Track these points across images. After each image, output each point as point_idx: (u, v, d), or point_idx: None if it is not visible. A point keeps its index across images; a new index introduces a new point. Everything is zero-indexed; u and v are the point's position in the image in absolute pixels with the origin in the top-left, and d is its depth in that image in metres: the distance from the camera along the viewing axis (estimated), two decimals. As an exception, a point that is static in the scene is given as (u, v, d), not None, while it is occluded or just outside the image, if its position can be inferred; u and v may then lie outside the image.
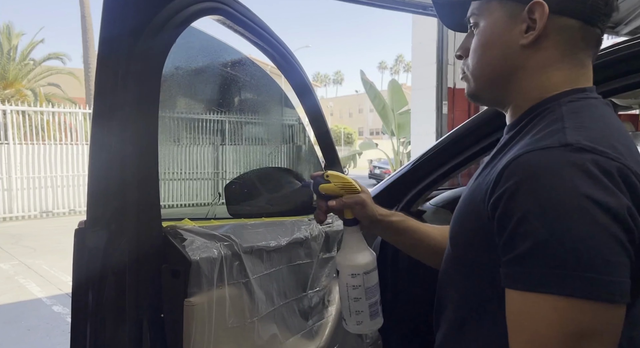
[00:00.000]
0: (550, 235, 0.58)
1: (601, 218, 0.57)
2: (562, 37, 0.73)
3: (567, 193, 0.58)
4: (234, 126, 1.30)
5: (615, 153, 0.62)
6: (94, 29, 17.60)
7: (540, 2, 0.71)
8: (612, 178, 0.59)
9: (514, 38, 0.74)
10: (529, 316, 0.60)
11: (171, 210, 1.13)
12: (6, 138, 10.03)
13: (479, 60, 0.79)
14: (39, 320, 4.30)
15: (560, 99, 0.73)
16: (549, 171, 0.60)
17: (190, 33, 0.93)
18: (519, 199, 0.61)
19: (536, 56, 0.74)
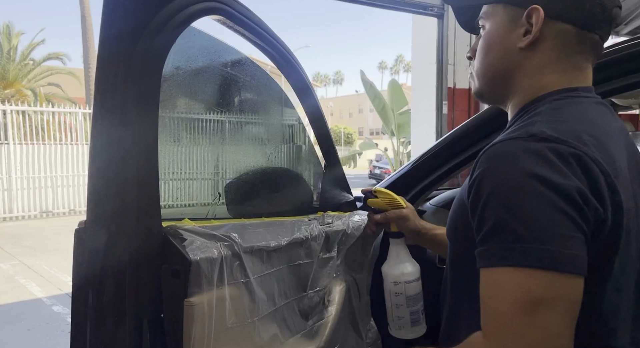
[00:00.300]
0: (507, 214, 0.64)
1: (551, 196, 0.62)
2: (558, 41, 0.77)
3: (520, 175, 0.64)
4: (234, 126, 1.30)
5: (578, 142, 0.67)
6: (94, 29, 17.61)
7: (537, 8, 0.76)
8: (566, 162, 0.65)
9: (513, 41, 0.80)
10: (492, 289, 0.65)
11: (171, 210, 1.13)
12: (6, 138, 10.03)
13: (482, 60, 0.85)
14: (39, 320, 4.30)
15: (547, 97, 0.78)
16: (509, 157, 0.67)
17: (190, 33, 0.92)
18: (482, 185, 0.68)
19: (533, 58, 0.79)
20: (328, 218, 1.33)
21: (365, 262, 1.47)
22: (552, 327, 0.61)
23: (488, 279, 0.66)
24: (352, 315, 1.42)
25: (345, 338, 1.38)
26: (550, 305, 0.61)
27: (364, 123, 64.09)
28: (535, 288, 0.62)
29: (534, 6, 0.76)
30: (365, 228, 1.39)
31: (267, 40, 1.23)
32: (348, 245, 1.34)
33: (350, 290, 1.40)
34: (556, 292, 0.62)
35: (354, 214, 1.44)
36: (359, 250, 1.43)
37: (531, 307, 0.61)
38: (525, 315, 0.62)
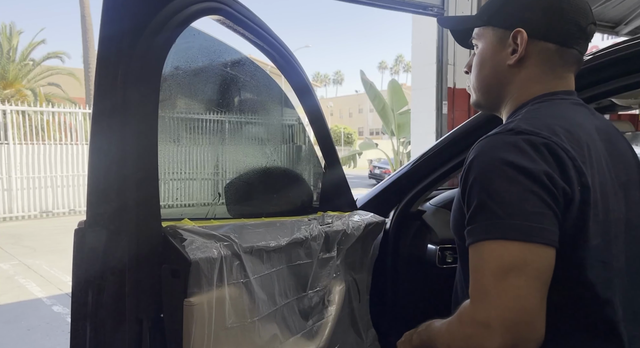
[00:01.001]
0: (486, 196, 0.75)
1: (522, 179, 0.73)
2: (541, 57, 0.89)
3: (497, 163, 0.76)
4: (234, 126, 1.30)
5: (550, 133, 0.77)
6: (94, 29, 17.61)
7: (521, 30, 0.88)
8: (537, 150, 0.75)
9: (503, 59, 0.92)
10: (476, 261, 0.76)
11: (171, 210, 1.13)
12: (6, 138, 10.03)
13: (477, 76, 0.97)
14: (39, 320, 4.30)
15: (531, 102, 0.89)
16: (490, 149, 0.79)
17: (190, 33, 0.92)
18: (469, 174, 0.80)
19: (521, 73, 0.91)
20: (328, 218, 1.33)
21: (365, 262, 1.47)
22: (522, 289, 0.70)
23: (473, 253, 0.76)
24: (352, 315, 1.42)
25: (345, 338, 1.38)
26: (520, 271, 0.71)
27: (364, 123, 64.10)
28: (507, 256, 0.72)
29: (518, 29, 0.88)
30: (365, 227, 1.39)
31: (267, 40, 1.23)
32: (348, 245, 1.34)
33: (350, 290, 1.40)
34: (524, 260, 0.71)
35: (354, 214, 1.44)
36: (359, 250, 1.43)
37: (503, 273, 0.71)
38: (499, 280, 0.71)
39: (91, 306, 0.88)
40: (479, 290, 0.74)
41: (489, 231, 0.74)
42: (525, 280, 0.71)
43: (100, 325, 0.88)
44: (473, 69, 0.98)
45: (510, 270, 0.71)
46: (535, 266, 0.72)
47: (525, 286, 0.71)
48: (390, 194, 1.62)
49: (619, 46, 1.25)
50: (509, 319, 0.70)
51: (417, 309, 1.61)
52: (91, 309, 0.88)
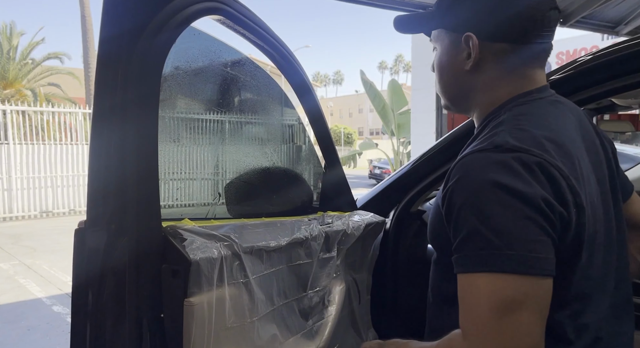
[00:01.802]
0: (478, 222, 0.68)
1: (517, 204, 0.67)
2: (498, 59, 0.83)
3: (489, 185, 0.69)
4: (234, 126, 1.30)
5: (540, 150, 0.71)
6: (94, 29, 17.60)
7: (469, 35, 0.82)
8: (530, 171, 0.69)
9: (459, 64, 0.86)
10: (469, 293, 0.69)
11: (171, 210, 1.13)
12: (6, 138, 10.03)
13: (439, 81, 0.93)
14: (39, 320, 4.30)
15: (507, 105, 0.83)
16: (477, 168, 0.72)
17: (190, 33, 0.93)
18: (454, 196, 0.73)
19: (480, 77, 0.85)
20: (328, 218, 1.33)
21: (365, 262, 1.47)
22: (524, 326, 0.66)
23: (464, 283, 0.70)
24: (351, 315, 1.42)
25: (345, 338, 1.38)
26: (522, 306, 0.66)
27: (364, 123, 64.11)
28: (507, 290, 0.66)
29: (467, 33, 0.82)
30: (365, 227, 1.39)
31: (267, 40, 1.23)
32: (348, 245, 1.34)
33: (350, 290, 1.40)
34: (526, 293, 0.66)
35: (354, 214, 1.44)
36: (359, 250, 1.43)
37: (505, 309, 0.66)
38: (500, 317, 0.66)
39: (91, 306, 0.88)
40: (476, 325, 0.67)
41: (485, 263, 0.67)
42: (527, 315, 0.66)
43: (100, 325, 0.88)
44: (435, 74, 0.93)
45: (510, 305, 0.65)
46: (536, 299, 0.67)
47: (526, 323, 0.66)
48: (390, 194, 1.62)
49: (619, 46, 1.25)
50: None
51: (417, 309, 1.61)
52: (91, 309, 0.88)
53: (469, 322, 0.69)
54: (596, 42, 10.55)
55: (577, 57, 1.32)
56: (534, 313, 0.66)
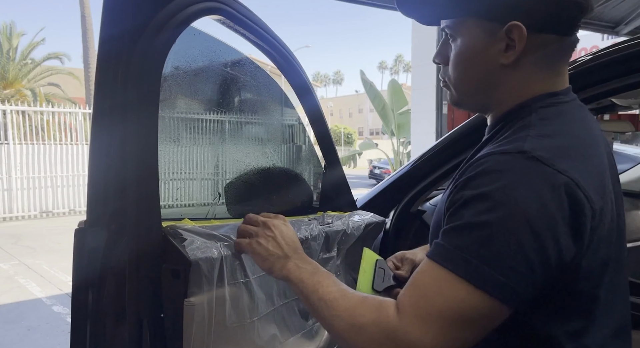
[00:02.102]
0: (476, 222, 0.64)
1: (524, 227, 0.62)
2: (541, 53, 0.75)
3: (503, 195, 0.64)
4: (234, 126, 1.30)
5: (567, 165, 0.66)
6: (94, 29, 17.61)
7: (518, 25, 0.72)
8: (555, 192, 0.64)
9: (494, 57, 0.76)
10: (431, 282, 0.67)
11: (171, 210, 1.13)
12: (6, 138, 10.03)
13: (460, 76, 0.81)
14: (39, 320, 4.30)
15: (532, 104, 0.76)
16: (497, 172, 0.66)
17: (191, 33, 0.92)
18: (464, 191, 0.68)
19: (516, 72, 0.76)
20: (328, 218, 1.33)
21: (365, 262, 1.47)
22: (461, 340, 0.65)
23: (430, 271, 0.68)
24: (352, 315, 1.42)
25: (345, 338, 1.38)
26: (473, 324, 0.65)
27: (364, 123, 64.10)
28: (468, 306, 0.64)
29: (514, 23, 0.72)
30: (365, 227, 1.39)
31: (267, 40, 1.22)
32: (348, 245, 1.34)
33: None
34: (483, 314, 0.64)
35: (354, 214, 1.44)
36: (359, 250, 1.43)
37: (458, 322, 0.64)
38: (450, 326, 0.64)
39: (91, 306, 0.88)
40: (418, 314, 0.65)
41: (457, 265, 0.65)
42: (474, 333, 0.65)
43: (100, 325, 0.88)
44: (454, 67, 0.81)
45: (466, 321, 0.64)
46: (489, 322, 0.66)
47: (471, 339, 0.66)
48: (390, 194, 1.62)
49: (619, 46, 1.25)
50: None
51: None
52: (91, 309, 0.88)
53: (414, 305, 0.66)
54: (596, 42, 10.54)
55: (577, 57, 1.32)
56: (476, 334, 0.66)
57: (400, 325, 0.66)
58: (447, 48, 0.82)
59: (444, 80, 0.85)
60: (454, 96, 0.84)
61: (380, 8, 5.46)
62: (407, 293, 0.69)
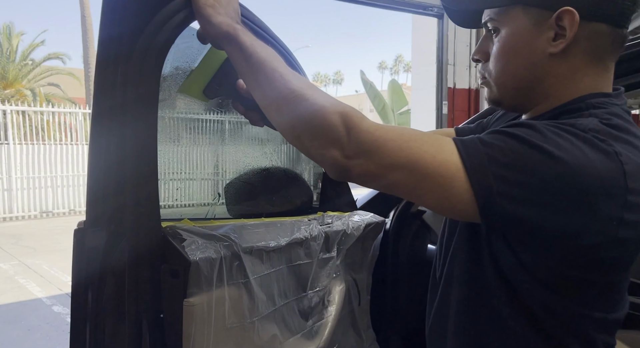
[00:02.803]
0: (509, 133, 0.63)
1: (548, 165, 0.60)
2: (592, 43, 0.71)
3: (549, 136, 0.62)
4: (234, 126, 1.30)
5: (624, 150, 0.63)
6: (94, 29, 17.61)
7: (570, 10, 0.68)
8: (602, 164, 0.61)
9: (541, 46, 0.72)
10: (445, 147, 0.65)
11: (170, 210, 1.13)
12: (6, 138, 10.03)
13: (503, 68, 0.77)
14: (39, 320, 4.30)
15: (586, 100, 0.72)
16: (544, 128, 0.64)
17: (190, 33, 0.92)
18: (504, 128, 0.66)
19: (564, 63, 0.72)
20: (328, 218, 1.32)
21: (365, 262, 1.47)
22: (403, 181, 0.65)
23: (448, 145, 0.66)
24: (351, 315, 1.42)
25: (345, 339, 1.38)
26: (431, 183, 0.64)
27: (364, 123, 64.09)
28: (441, 168, 0.63)
29: (567, 8, 0.68)
30: (365, 227, 1.39)
31: (267, 40, 1.22)
32: (348, 245, 1.34)
33: (350, 290, 1.40)
34: (447, 186, 0.64)
35: (354, 215, 1.44)
36: (358, 250, 1.43)
37: (417, 170, 0.64)
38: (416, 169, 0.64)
39: (91, 306, 0.88)
40: (394, 141, 0.64)
41: (466, 149, 0.64)
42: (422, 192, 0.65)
43: (100, 325, 0.88)
44: (496, 60, 0.77)
45: (427, 179, 0.64)
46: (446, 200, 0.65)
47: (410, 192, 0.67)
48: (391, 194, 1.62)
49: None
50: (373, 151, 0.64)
51: (417, 310, 1.61)
52: (91, 309, 0.88)
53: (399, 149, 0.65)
54: (596, 42, 10.51)
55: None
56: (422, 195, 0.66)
57: (365, 130, 0.65)
58: (488, 44, 0.79)
59: (483, 77, 0.81)
60: (493, 92, 0.80)
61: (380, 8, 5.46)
62: (404, 135, 0.66)
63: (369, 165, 0.65)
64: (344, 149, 0.65)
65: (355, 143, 0.65)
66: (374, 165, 0.65)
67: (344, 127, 0.65)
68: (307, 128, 0.68)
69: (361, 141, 0.64)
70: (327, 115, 0.66)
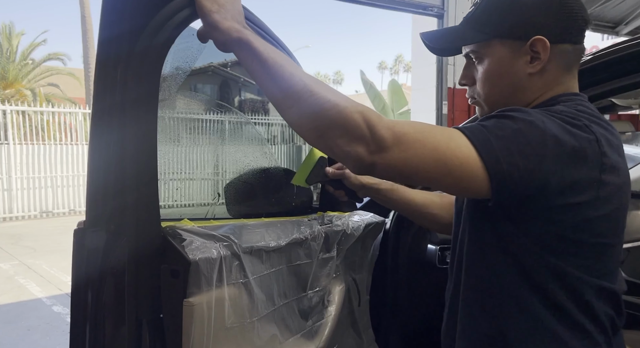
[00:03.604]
0: (502, 115, 0.76)
1: (538, 135, 0.73)
2: (561, 60, 0.87)
3: (532, 115, 0.76)
4: (234, 126, 1.30)
5: (594, 126, 0.77)
6: (94, 29, 17.60)
7: (541, 39, 0.84)
8: (577, 131, 0.75)
9: (521, 69, 0.87)
10: (447, 133, 0.75)
11: (170, 210, 1.13)
12: (6, 138, 10.03)
13: (491, 90, 0.91)
14: (39, 320, 4.30)
15: (558, 98, 0.87)
16: (528, 111, 0.77)
17: (190, 33, 0.92)
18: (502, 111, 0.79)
19: (542, 79, 0.88)
20: (328, 218, 1.32)
21: (365, 262, 1.47)
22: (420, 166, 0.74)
23: (457, 134, 0.75)
24: (351, 315, 1.42)
25: (345, 339, 1.38)
26: (447, 168, 0.73)
27: (364, 123, 63.99)
28: (453, 154, 0.73)
29: (538, 37, 0.84)
30: (365, 227, 1.39)
31: (267, 40, 1.22)
32: (348, 245, 1.34)
33: (349, 290, 1.40)
34: (462, 168, 0.73)
35: (354, 214, 1.44)
36: (358, 250, 1.43)
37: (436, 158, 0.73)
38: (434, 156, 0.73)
39: (91, 306, 0.88)
40: (412, 134, 0.73)
41: (473, 133, 0.74)
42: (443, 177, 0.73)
43: (99, 325, 0.88)
44: (483, 84, 0.91)
45: (443, 163, 0.73)
46: (463, 181, 0.74)
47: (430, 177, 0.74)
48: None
49: (619, 46, 1.25)
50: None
51: (417, 310, 1.61)
52: (90, 309, 0.88)
53: (412, 126, 0.74)
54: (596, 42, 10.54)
55: (577, 57, 1.32)
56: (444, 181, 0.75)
57: (386, 127, 0.72)
58: (471, 70, 0.93)
59: (472, 97, 0.95)
60: (485, 110, 0.93)
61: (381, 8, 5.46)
62: (422, 129, 0.75)
63: (390, 159, 0.72)
64: (368, 146, 0.72)
65: (378, 139, 0.72)
66: (396, 157, 0.72)
67: (366, 126, 0.72)
68: (332, 128, 0.74)
69: (383, 136, 0.72)
70: (350, 115, 0.72)
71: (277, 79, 0.78)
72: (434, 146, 0.73)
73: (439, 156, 0.72)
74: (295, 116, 0.77)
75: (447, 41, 0.95)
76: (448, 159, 0.72)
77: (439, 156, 0.72)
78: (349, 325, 1.42)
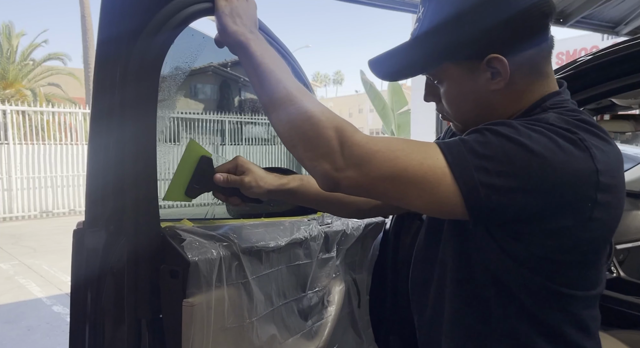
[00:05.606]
0: (485, 129, 0.69)
1: (522, 152, 0.66)
2: (526, 67, 0.77)
3: (519, 128, 0.68)
4: (234, 126, 1.30)
5: (589, 139, 0.70)
6: (94, 29, 17.60)
7: (497, 57, 0.74)
8: (569, 147, 0.67)
9: (484, 86, 0.78)
10: (422, 149, 0.69)
11: (170, 210, 1.13)
12: (6, 138, 10.02)
13: (458, 110, 0.83)
14: (39, 320, 4.30)
15: (542, 104, 0.78)
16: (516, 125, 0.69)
17: (189, 33, 0.92)
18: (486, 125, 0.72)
19: (510, 92, 0.78)
20: (328, 218, 1.32)
21: (365, 262, 1.47)
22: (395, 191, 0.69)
23: (433, 150, 0.70)
24: (351, 316, 1.42)
25: (344, 339, 1.38)
26: (415, 186, 0.68)
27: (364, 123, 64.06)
28: (428, 171, 0.67)
29: (493, 55, 0.75)
30: (365, 228, 1.39)
31: (266, 40, 1.22)
32: (348, 245, 1.34)
33: (349, 290, 1.40)
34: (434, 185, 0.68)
35: (354, 215, 1.44)
36: (358, 250, 1.43)
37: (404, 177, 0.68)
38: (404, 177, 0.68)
39: (90, 306, 0.88)
40: (383, 153, 0.68)
41: (449, 150, 0.68)
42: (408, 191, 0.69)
43: (99, 325, 0.88)
44: (449, 105, 0.83)
45: (412, 181, 0.68)
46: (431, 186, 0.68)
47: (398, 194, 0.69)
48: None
49: (619, 46, 1.25)
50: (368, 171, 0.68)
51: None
52: (90, 309, 0.88)
53: (389, 142, 0.69)
54: (596, 42, 10.54)
55: (577, 57, 1.32)
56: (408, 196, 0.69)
57: (359, 142, 0.68)
58: (434, 87, 0.85)
59: (442, 113, 0.87)
60: (458, 127, 0.86)
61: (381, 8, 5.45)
62: (399, 145, 0.70)
63: (357, 177, 0.68)
64: (335, 162, 0.68)
65: (346, 156, 0.68)
66: (362, 177, 0.68)
67: (338, 142, 0.69)
68: (303, 140, 0.71)
69: (352, 154, 0.68)
70: (323, 129, 0.70)
71: (264, 84, 0.78)
72: (404, 166, 0.68)
73: (409, 177, 0.67)
74: (275, 122, 0.77)
75: (397, 65, 0.84)
76: (418, 181, 0.68)
77: (409, 178, 0.68)
78: (348, 325, 1.42)
